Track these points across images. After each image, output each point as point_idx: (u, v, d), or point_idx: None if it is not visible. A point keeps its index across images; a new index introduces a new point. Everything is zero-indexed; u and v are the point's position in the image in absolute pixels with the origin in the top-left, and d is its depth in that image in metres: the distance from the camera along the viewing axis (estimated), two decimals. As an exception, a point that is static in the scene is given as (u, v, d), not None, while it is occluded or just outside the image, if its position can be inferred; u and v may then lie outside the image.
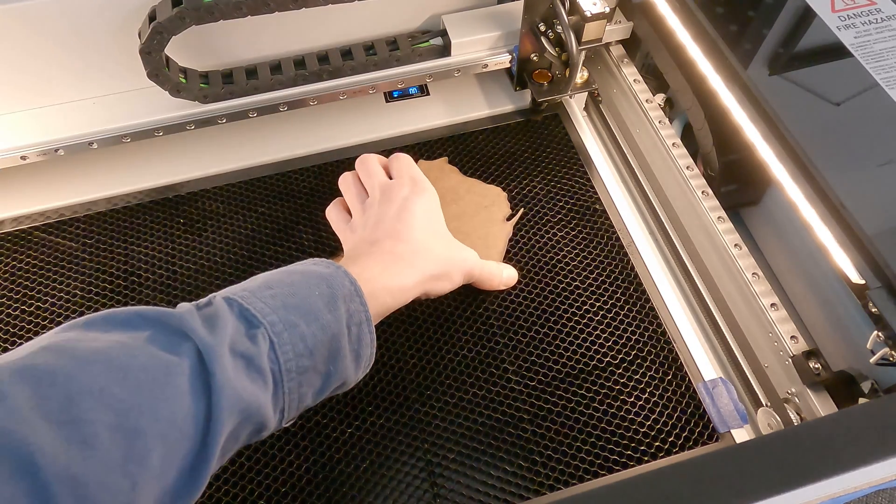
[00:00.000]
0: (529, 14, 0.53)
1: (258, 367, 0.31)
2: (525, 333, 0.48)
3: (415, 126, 0.59)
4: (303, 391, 0.34)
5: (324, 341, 0.33)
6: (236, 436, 0.32)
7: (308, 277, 0.35)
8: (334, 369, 0.35)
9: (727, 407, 0.43)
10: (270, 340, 0.32)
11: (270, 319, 0.32)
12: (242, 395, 0.30)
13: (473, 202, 0.54)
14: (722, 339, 0.49)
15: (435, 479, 0.42)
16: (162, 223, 0.54)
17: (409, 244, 0.42)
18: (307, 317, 0.33)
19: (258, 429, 0.33)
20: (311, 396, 0.35)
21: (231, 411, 0.30)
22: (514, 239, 0.53)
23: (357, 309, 0.35)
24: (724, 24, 0.50)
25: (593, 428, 0.44)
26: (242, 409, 0.30)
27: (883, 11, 0.48)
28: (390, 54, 0.55)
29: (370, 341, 0.36)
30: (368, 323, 0.36)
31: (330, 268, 0.36)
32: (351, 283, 0.36)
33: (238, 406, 0.30)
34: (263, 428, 0.33)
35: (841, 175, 0.41)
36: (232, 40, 0.53)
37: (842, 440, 0.31)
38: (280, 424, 0.34)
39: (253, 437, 0.33)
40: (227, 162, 0.57)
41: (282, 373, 0.32)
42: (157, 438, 0.28)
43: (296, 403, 0.34)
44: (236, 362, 0.31)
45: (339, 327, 0.34)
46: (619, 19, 0.59)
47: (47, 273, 0.51)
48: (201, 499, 0.41)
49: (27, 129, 0.52)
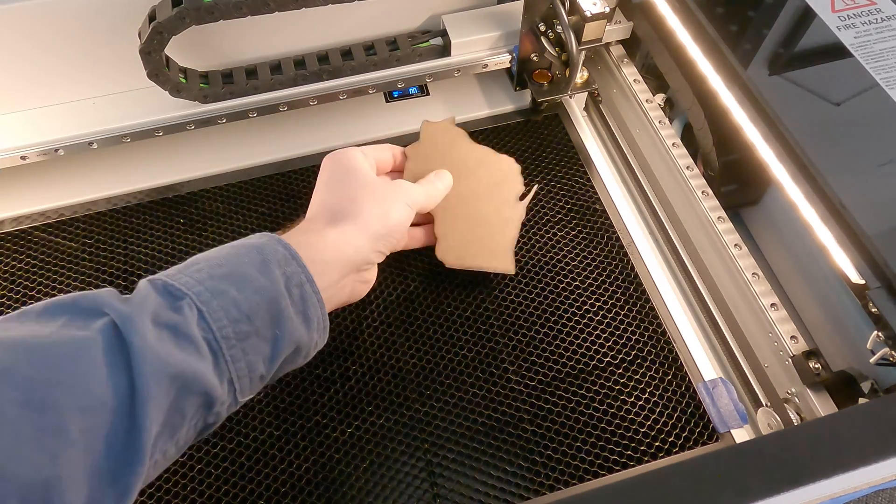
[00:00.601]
0: (529, 14, 0.53)
1: (187, 336, 0.31)
2: (525, 333, 0.48)
3: (415, 126, 0.59)
4: (250, 359, 0.33)
5: (261, 305, 0.33)
6: (180, 409, 0.31)
7: (237, 248, 0.35)
8: (280, 333, 0.34)
9: (727, 407, 0.43)
10: (198, 309, 0.32)
11: (196, 290, 0.32)
12: (169, 361, 0.29)
13: (484, 179, 0.50)
14: (722, 339, 0.49)
15: (435, 479, 0.42)
16: (162, 223, 0.54)
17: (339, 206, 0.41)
18: (238, 283, 0.33)
19: (207, 402, 0.32)
20: (264, 364, 0.34)
21: (157, 380, 0.29)
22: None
23: (295, 271, 0.35)
24: (724, 24, 0.50)
25: (593, 428, 0.44)
26: (174, 378, 0.30)
27: (883, 11, 0.48)
28: (390, 54, 0.55)
29: (317, 301, 0.36)
30: (311, 283, 0.35)
31: (263, 238, 0.36)
32: (285, 248, 0.35)
33: (165, 374, 0.29)
34: (213, 400, 0.32)
35: (841, 175, 0.41)
36: (232, 40, 0.53)
37: (842, 440, 0.31)
38: (236, 397, 0.33)
39: (207, 413, 0.32)
40: (227, 162, 0.57)
41: (218, 340, 0.32)
42: (74, 412, 0.27)
43: (245, 372, 0.33)
44: (160, 332, 0.30)
45: (276, 290, 0.34)
46: (619, 19, 0.59)
47: (47, 273, 0.51)
48: (201, 499, 0.41)
49: (27, 129, 0.52)
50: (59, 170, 0.56)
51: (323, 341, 0.38)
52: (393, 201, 0.42)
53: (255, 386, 0.34)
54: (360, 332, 0.48)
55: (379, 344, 0.48)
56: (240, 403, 0.34)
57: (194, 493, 0.42)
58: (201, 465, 0.43)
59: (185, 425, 0.31)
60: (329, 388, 0.46)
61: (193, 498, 0.42)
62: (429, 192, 0.46)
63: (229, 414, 0.34)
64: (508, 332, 0.48)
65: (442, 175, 0.47)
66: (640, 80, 0.59)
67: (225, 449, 0.43)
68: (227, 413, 0.34)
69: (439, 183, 0.47)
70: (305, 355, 0.37)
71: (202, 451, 0.43)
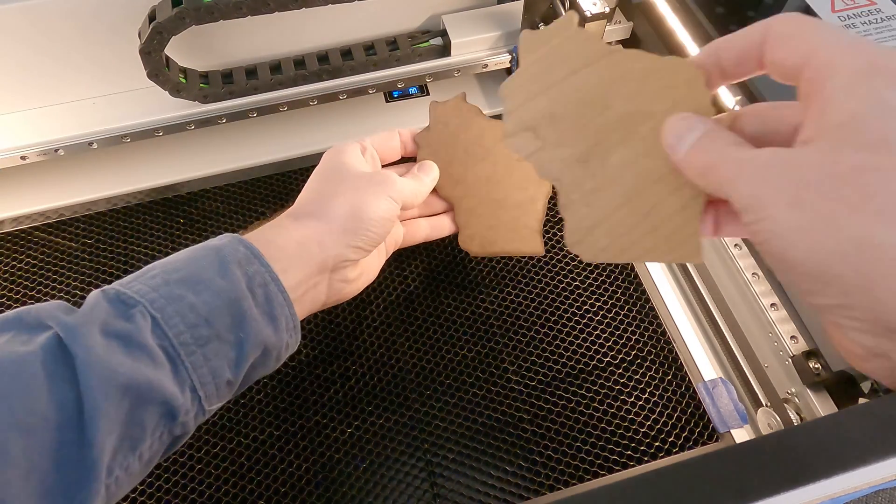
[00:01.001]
0: (529, 14, 0.53)
1: (139, 344, 0.29)
2: (525, 333, 0.48)
3: (415, 126, 0.59)
4: (213, 364, 0.31)
5: (221, 307, 0.32)
6: (138, 421, 0.29)
7: (195, 252, 0.34)
8: (245, 335, 0.32)
9: (727, 407, 0.43)
10: (152, 316, 0.30)
11: (150, 297, 0.31)
12: (119, 371, 0.28)
13: (504, 157, 0.45)
14: (722, 339, 0.49)
15: (435, 479, 0.42)
16: (162, 223, 0.54)
17: (310, 202, 0.40)
18: (195, 287, 0.32)
19: (169, 412, 0.30)
20: (230, 369, 0.32)
21: (106, 391, 0.28)
22: (514, 239, 0.52)
23: (258, 270, 0.34)
24: (724, 24, 0.50)
25: (593, 428, 0.44)
26: (126, 389, 0.28)
27: (883, 11, 0.48)
28: (390, 54, 0.55)
29: (283, 300, 0.34)
30: (276, 282, 0.34)
31: (224, 239, 0.35)
32: (246, 248, 0.34)
33: (114, 385, 0.28)
34: (175, 410, 0.30)
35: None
36: (232, 40, 0.53)
37: (842, 440, 0.31)
38: (202, 405, 0.32)
39: (171, 423, 0.31)
40: (227, 162, 0.57)
41: (175, 347, 0.30)
42: (13, 430, 0.26)
43: (210, 379, 0.31)
44: (109, 342, 0.29)
45: (236, 291, 0.32)
46: (619, 19, 0.59)
47: (47, 273, 0.51)
48: (201, 498, 0.41)
49: (27, 129, 0.52)
50: (59, 170, 0.56)
51: (295, 342, 0.37)
52: (371, 194, 0.39)
53: (222, 392, 0.33)
54: (360, 332, 0.48)
55: (379, 344, 0.48)
56: (209, 412, 0.32)
57: (194, 493, 0.42)
58: (201, 465, 0.43)
59: (147, 438, 0.30)
60: (329, 388, 0.46)
61: (193, 498, 0.42)
62: (413, 188, 0.42)
63: (199, 424, 0.33)
64: (508, 332, 0.48)
65: (427, 167, 0.44)
66: (640, 80, 0.59)
67: (225, 449, 0.43)
68: (195, 423, 0.32)
69: (425, 176, 0.44)
70: (277, 357, 0.36)
71: (202, 452, 0.43)
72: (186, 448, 0.43)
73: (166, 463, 0.43)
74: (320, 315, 0.49)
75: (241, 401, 0.45)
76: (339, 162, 0.41)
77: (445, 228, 0.46)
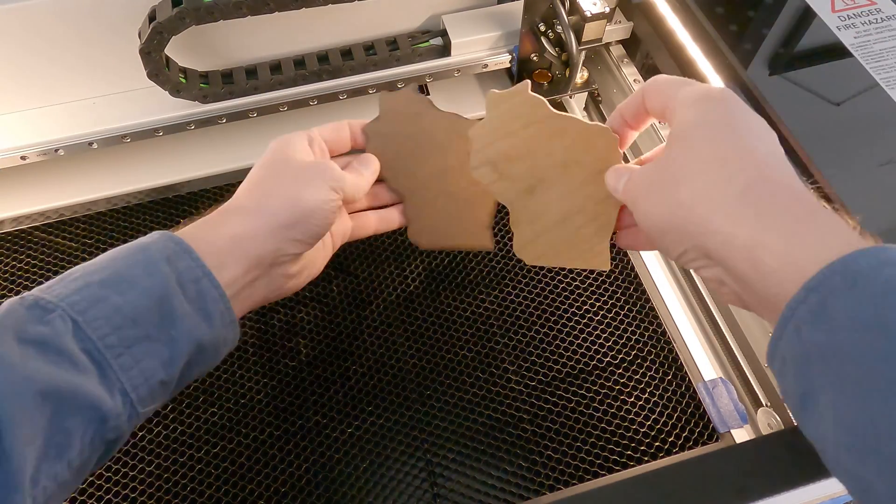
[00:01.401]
0: (529, 14, 0.53)
1: (58, 349, 0.29)
2: (525, 333, 0.48)
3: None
4: (144, 365, 0.31)
5: (148, 306, 0.31)
6: (62, 428, 0.28)
7: (120, 252, 0.33)
8: (176, 333, 0.32)
9: (727, 407, 0.43)
10: (73, 320, 0.29)
11: (70, 300, 0.30)
12: (36, 378, 0.27)
13: (456, 150, 0.43)
14: (722, 339, 0.49)
15: (435, 479, 0.42)
16: (162, 223, 0.54)
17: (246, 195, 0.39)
18: (119, 286, 0.31)
19: (98, 417, 0.29)
20: (163, 368, 0.31)
21: (21, 400, 0.27)
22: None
23: (189, 266, 0.33)
24: (724, 24, 0.50)
25: (593, 428, 0.44)
26: (45, 395, 0.28)
27: (883, 11, 0.48)
28: (390, 54, 0.55)
29: (218, 295, 0.33)
30: (210, 277, 0.33)
31: (153, 236, 0.34)
32: (176, 244, 0.33)
33: (31, 392, 0.27)
34: (105, 414, 0.29)
35: (841, 175, 0.41)
36: (232, 40, 0.53)
37: (842, 440, 0.31)
38: (134, 408, 0.31)
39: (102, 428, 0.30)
40: (227, 162, 0.57)
41: (101, 350, 0.29)
42: None
43: (142, 380, 0.31)
44: (24, 349, 0.28)
45: (165, 289, 0.32)
46: (619, 19, 0.59)
47: (47, 273, 0.51)
48: (201, 499, 0.41)
49: (27, 129, 0.52)
50: (59, 170, 0.56)
51: (234, 338, 0.35)
52: (308, 186, 0.37)
53: (156, 394, 0.32)
54: (360, 332, 0.48)
55: (379, 344, 0.48)
56: (144, 414, 0.31)
57: (194, 493, 0.42)
58: (201, 465, 0.43)
59: (75, 444, 0.29)
60: (329, 388, 0.46)
61: (193, 498, 0.42)
62: (354, 182, 0.40)
63: (135, 427, 0.32)
64: (508, 332, 0.48)
65: (366, 160, 0.42)
66: (641, 80, 0.59)
67: (225, 449, 0.43)
68: (131, 426, 0.31)
69: (364, 169, 0.42)
70: (215, 354, 0.34)
71: (202, 452, 0.43)
72: (186, 448, 0.43)
73: (166, 463, 0.43)
74: (319, 315, 0.49)
75: (242, 401, 0.45)
76: (281, 153, 0.39)
77: (395, 221, 0.44)
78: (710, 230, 0.29)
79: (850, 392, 0.24)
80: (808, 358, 0.25)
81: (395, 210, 0.44)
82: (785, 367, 0.27)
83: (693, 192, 0.29)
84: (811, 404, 0.25)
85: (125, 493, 0.42)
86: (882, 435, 0.22)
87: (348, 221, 0.43)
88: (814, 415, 0.25)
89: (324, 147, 0.41)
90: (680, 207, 0.30)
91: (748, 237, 0.27)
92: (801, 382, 0.26)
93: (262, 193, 0.37)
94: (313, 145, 0.40)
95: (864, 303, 0.23)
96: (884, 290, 0.23)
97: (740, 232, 0.28)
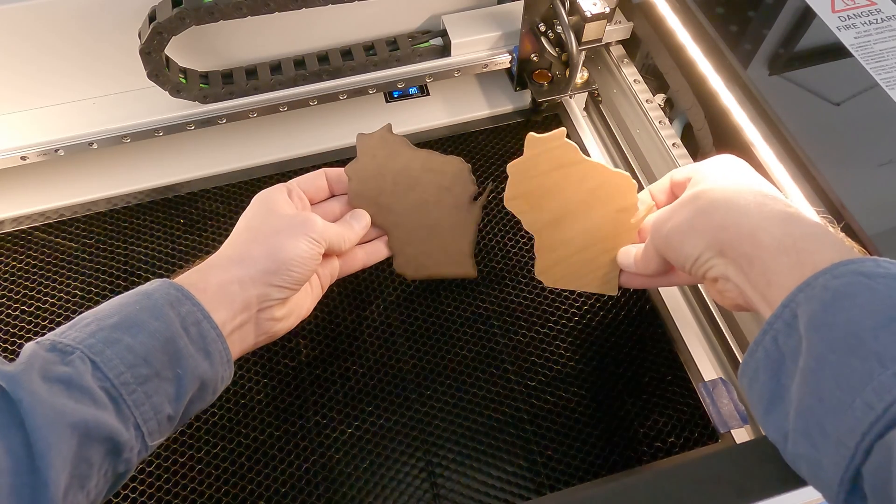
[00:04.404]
0: (529, 14, 0.53)
1: (81, 387, 0.31)
2: (525, 333, 0.48)
3: (415, 126, 0.59)
4: (154, 401, 0.33)
5: (157, 346, 0.33)
6: (85, 458, 0.30)
7: (126, 298, 0.36)
8: (182, 371, 0.34)
9: (727, 407, 0.43)
10: (91, 360, 0.32)
11: (87, 343, 0.32)
12: (65, 412, 0.29)
13: (433, 184, 0.47)
14: (722, 339, 0.49)
15: (435, 479, 0.42)
16: (162, 223, 0.54)
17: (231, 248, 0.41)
18: (130, 329, 0.33)
19: (114, 448, 0.32)
20: (170, 404, 0.34)
21: (55, 430, 0.29)
22: (514, 238, 0.53)
23: (190, 310, 0.36)
24: (724, 24, 0.50)
25: (593, 428, 0.44)
26: (73, 426, 0.29)
27: (883, 11, 0.48)
28: (390, 54, 0.55)
29: (216, 336, 0.36)
30: (209, 319, 0.36)
31: (153, 284, 0.37)
32: (177, 290, 0.36)
33: (62, 423, 0.29)
34: (121, 447, 0.32)
35: (841, 175, 0.41)
36: (232, 40, 0.53)
37: (842, 440, 0.31)
38: (145, 440, 0.33)
39: (116, 460, 0.32)
40: (227, 162, 0.57)
41: (117, 387, 0.32)
42: None
43: (152, 415, 0.33)
44: (52, 387, 0.30)
45: (171, 331, 0.34)
46: (619, 19, 0.59)
47: (47, 273, 0.51)
48: (201, 499, 0.41)
49: (27, 129, 0.52)
50: (59, 170, 0.56)
51: (229, 376, 0.38)
52: (290, 236, 0.40)
53: (164, 428, 0.34)
54: (360, 333, 0.48)
55: (379, 344, 0.48)
56: (151, 448, 0.34)
57: (194, 493, 0.42)
58: (201, 466, 0.43)
59: (94, 475, 0.31)
60: (329, 388, 0.46)
61: (193, 498, 0.42)
62: (343, 234, 0.43)
63: (140, 462, 0.34)
64: (508, 332, 0.48)
65: (359, 215, 0.46)
66: (641, 81, 0.59)
67: (225, 449, 0.43)
68: (138, 460, 0.33)
69: (356, 223, 0.45)
70: (213, 391, 0.37)
71: (202, 452, 0.43)
72: (186, 448, 0.43)
73: (166, 463, 0.43)
74: (320, 315, 0.49)
75: (241, 401, 0.45)
76: (263, 207, 0.42)
77: (381, 253, 0.48)
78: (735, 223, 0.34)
79: (808, 381, 0.28)
80: (783, 360, 0.30)
81: (380, 242, 0.48)
82: (757, 374, 0.31)
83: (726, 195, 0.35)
84: (779, 402, 0.30)
85: (125, 493, 0.42)
86: (827, 411, 0.27)
87: (335, 262, 0.46)
88: (780, 412, 0.30)
89: (303, 196, 0.45)
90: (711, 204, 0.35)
91: (779, 232, 0.32)
92: (772, 386, 0.30)
93: (246, 245, 0.41)
94: (293, 196, 0.44)
95: (817, 309, 0.29)
96: (833, 297, 0.28)
97: (768, 226, 0.33)
